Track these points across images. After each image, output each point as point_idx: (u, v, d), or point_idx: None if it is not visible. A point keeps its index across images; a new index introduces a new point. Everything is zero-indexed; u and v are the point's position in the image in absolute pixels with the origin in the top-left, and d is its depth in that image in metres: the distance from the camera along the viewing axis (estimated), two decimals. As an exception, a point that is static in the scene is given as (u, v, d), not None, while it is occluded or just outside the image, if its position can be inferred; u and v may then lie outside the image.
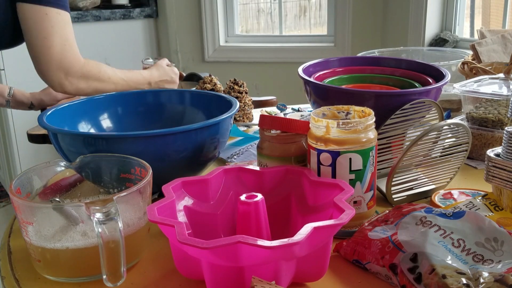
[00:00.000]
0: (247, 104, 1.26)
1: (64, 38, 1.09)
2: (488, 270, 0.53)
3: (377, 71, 1.02)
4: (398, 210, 0.66)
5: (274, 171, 0.69)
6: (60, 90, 1.13)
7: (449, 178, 0.85)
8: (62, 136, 0.78)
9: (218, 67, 2.73)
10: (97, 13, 2.60)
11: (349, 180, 0.68)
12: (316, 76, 0.98)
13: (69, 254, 0.60)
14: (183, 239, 0.51)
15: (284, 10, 2.85)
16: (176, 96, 1.02)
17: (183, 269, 0.59)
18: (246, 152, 1.03)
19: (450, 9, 2.24)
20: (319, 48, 2.63)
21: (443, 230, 0.58)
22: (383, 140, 0.81)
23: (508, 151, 0.69)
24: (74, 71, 1.11)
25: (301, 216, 0.65)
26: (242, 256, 0.50)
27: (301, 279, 0.59)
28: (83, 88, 1.14)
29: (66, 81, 1.11)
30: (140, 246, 0.66)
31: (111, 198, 0.57)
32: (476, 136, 0.94)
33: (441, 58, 1.42)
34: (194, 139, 0.77)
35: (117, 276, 0.56)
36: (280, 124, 0.74)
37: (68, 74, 1.10)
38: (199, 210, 0.66)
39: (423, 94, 0.84)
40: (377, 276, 0.60)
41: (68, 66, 1.10)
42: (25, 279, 0.63)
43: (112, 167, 0.72)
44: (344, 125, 0.67)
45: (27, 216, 0.60)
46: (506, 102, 0.94)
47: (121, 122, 0.97)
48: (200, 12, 2.73)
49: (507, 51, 1.27)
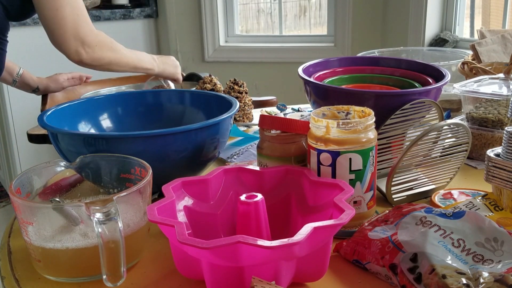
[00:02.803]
0: (247, 104, 1.26)
1: (76, 8, 1.11)
2: (488, 270, 0.53)
3: (377, 71, 1.02)
4: (398, 210, 0.66)
5: (274, 171, 0.69)
6: (77, 59, 1.15)
7: (449, 178, 0.85)
8: (62, 136, 0.78)
9: (218, 67, 2.73)
10: (97, 13, 2.60)
11: (349, 180, 0.68)
12: (316, 76, 0.98)
13: (69, 254, 0.60)
14: (183, 239, 0.51)
15: (284, 10, 2.85)
16: (176, 96, 1.02)
17: (183, 269, 0.59)
18: (246, 152, 1.03)
19: (450, 9, 2.23)
20: (319, 48, 2.63)
21: (443, 230, 0.58)
22: (383, 140, 0.81)
23: (508, 151, 0.69)
24: (90, 40, 1.13)
25: (301, 216, 0.65)
26: (242, 256, 0.50)
27: (301, 279, 0.59)
28: (98, 58, 1.16)
29: (83, 50, 1.13)
30: (140, 246, 0.66)
31: (111, 198, 0.57)
32: (476, 136, 0.94)
33: (441, 58, 1.42)
34: (194, 139, 0.77)
35: (117, 276, 0.56)
36: (280, 124, 0.74)
37: (84, 43, 1.13)
38: (199, 210, 0.66)
39: (423, 94, 0.84)
40: (377, 276, 0.60)
41: (83, 35, 1.12)
42: (25, 279, 0.63)
43: (112, 167, 0.72)
44: (344, 125, 0.67)
45: (27, 216, 0.60)
46: (506, 102, 0.94)
47: (121, 122, 0.97)
48: (200, 12, 2.73)
49: (507, 51, 1.27)
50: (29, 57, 2.13)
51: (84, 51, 1.13)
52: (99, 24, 2.60)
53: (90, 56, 1.14)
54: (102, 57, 1.16)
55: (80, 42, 1.12)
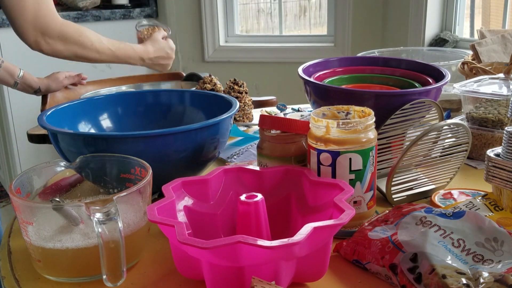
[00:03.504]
0: (247, 104, 1.26)
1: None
2: (488, 270, 0.53)
3: (377, 71, 1.02)
4: (398, 210, 0.66)
5: (274, 171, 0.69)
6: (37, 49, 1.13)
7: (449, 178, 0.85)
8: (62, 136, 0.78)
9: (218, 67, 2.73)
10: (97, 13, 2.60)
11: (349, 180, 0.68)
12: (316, 76, 0.98)
13: (69, 254, 0.60)
14: (183, 239, 0.51)
15: (284, 10, 2.85)
16: (176, 96, 1.02)
17: (183, 269, 0.59)
18: (246, 152, 1.03)
19: (450, 9, 2.23)
20: (319, 48, 2.63)
21: (443, 230, 0.58)
22: (383, 140, 0.81)
23: (508, 151, 0.69)
24: (51, 30, 1.11)
25: (301, 216, 0.65)
26: (242, 256, 0.50)
27: (301, 279, 0.59)
28: (60, 50, 1.14)
29: (42, 40, 1.11)
30: (140, 246, 0.66)
31: (111, 198, 0.57)
32: (476, 136, 0.94)
33: (441, 58, 1.42)
34: (194, 139, 0.77)
35: (117, 276, 0.56)
36: (280, 124, 0.74)
37: (45, 34, 1.10)
38: (199, 210, 0.66)
39: (423, 94, 0.84)
40: (377, 276, 0.60)
41: (43, 26, 1.10)
42: (25, 279, 0.63)
43: (112, 167, 0.72)
44: (344, 125, 0.67)
45: (27, 216, 0.60)
46: (506, 102, 0.94)
47: (121, 122, 0.97)
48: (200, 12, 2.73)
49: (507, 51, 1.27)
50: (28, 57, 2.13)
51: (44, 42, 1.11)
52: (99, 24, 2.61)
53: (51, 48, 1.12)
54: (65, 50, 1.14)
55: (40, 32, 1.10)
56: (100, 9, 2.67)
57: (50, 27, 1.10)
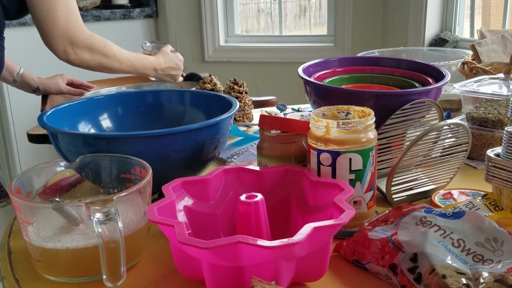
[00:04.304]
0: (247, 104, 1.26)
1: (68, 9, 1.12)
2: (488, 270, 0.53)
3: (377, 71, 1.02)
4: (398, 210, 0.66)
5: (274, 171, 0.69)
6: (65, 59, 1.16)
7: (449, 178, 0.85)
8: (62, 136, 0.78)
9: (218, 67, 2.73)
10: (97, 13, 2.60)
11: (349, 180, 0.68)
12: (316, 76, 0.98)
13: (69, 254, 0.60)
14: (183, 239, 0.51)
15: (284, 10, 2.85)
16: (176, 96, 1.02)
17: (183, 269, 0.59)
18: (246, 152, 1.03)
19: (450, 9, 2.23)
20: (319, 48, 2.63)
21: (443, 230, 0.58)
22: (383, 140, 0.81)
23: (508, 151, 0.69)
24: (79, 41, 1.14)
25: (301, 216, 0.65)
26: (242, 256, 0.50)
27: (301, 279, 0.59)
28: (87, 60, 1.17)
29: (71, 50, 1.14)
30: (140, 246, 0.66)
31: (111, 198, 0.57)
32: (476, 136, 0.94)
33: (441, 58, 1.42)
34: (194, 139, 0.77)
35: (117, 276, 0.56)
36: (280, 124, 0.74)
37: (73, 44, 1.13)
38: (199, 210, 0.66)
39: (423, 94, 0.84)
40: (377, 276, 0.60)
41: (73, 36, 1.13)
42: (25, 279, 0.63)
43: (112, 167, 0.72)
44: (344, 125, 0.67)
45: (27, 216, 0.60)
46: (506, 102, 0.94)
47: (121, 122, 0.97)
48: (200, 12, 2.73)
49: (507, 51, 1.27)
50: (29, 57, 2.13)
51: (72, 51, 1.14)
52: (99, 24, 2.61)
53: (79, 57, 1.15)
54: (92, 59, 1.17)
55: (69, 42, 1.13)
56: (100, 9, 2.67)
57: (79, 38, 1.14)
